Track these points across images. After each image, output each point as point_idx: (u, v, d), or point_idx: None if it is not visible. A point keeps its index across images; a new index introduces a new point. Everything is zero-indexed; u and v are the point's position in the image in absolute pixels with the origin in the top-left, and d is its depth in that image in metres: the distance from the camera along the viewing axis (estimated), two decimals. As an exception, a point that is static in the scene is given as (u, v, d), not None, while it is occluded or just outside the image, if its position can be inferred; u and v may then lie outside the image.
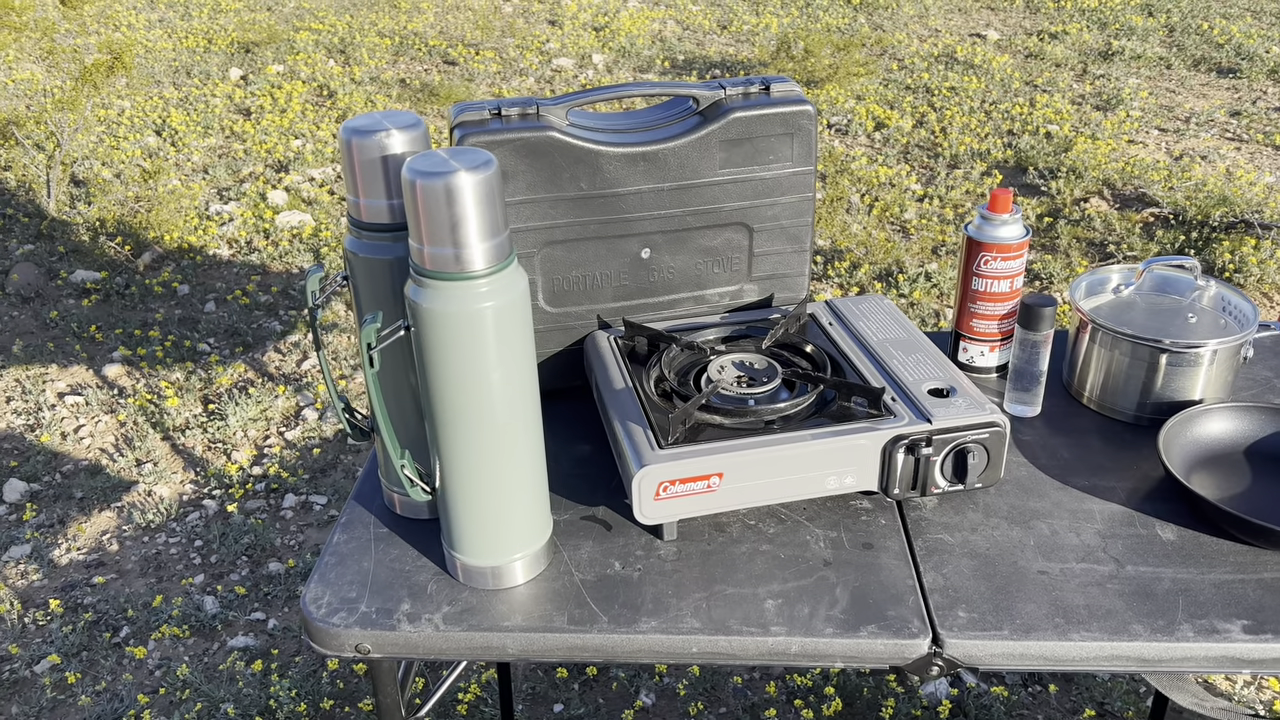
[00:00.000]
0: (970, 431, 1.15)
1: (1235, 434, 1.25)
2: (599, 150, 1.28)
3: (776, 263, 1.41)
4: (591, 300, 1.38)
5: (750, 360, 1.30)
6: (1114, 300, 1.38)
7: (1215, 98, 5.17)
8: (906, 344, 1.31)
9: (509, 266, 0.98)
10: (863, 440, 1.15)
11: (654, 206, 1.33)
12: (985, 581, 1.09)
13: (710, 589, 1.09)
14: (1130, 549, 1.12)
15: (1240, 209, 3.70)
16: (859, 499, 1.22)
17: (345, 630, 1.05)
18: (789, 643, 1.04)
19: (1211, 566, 1.09)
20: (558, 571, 1.12)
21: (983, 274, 1.36)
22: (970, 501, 1.21)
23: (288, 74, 5.86)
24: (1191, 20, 6.40)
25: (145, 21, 7.08)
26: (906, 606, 1.06)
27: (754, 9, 7.05)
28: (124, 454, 2.85)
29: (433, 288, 0.96)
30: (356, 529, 1.19)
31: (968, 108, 5.03)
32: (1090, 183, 4.10)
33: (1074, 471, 1.25)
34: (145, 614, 2.32)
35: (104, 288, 3.64)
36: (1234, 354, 1.29)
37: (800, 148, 1.33)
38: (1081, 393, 1.37)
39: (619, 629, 1.04)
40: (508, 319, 0.98)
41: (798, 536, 1.16)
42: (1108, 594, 1.06)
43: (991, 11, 6.93)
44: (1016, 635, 1.02)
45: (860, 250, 3.71)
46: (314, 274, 1.08)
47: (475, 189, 0.93)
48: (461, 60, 6.11)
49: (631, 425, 1.18)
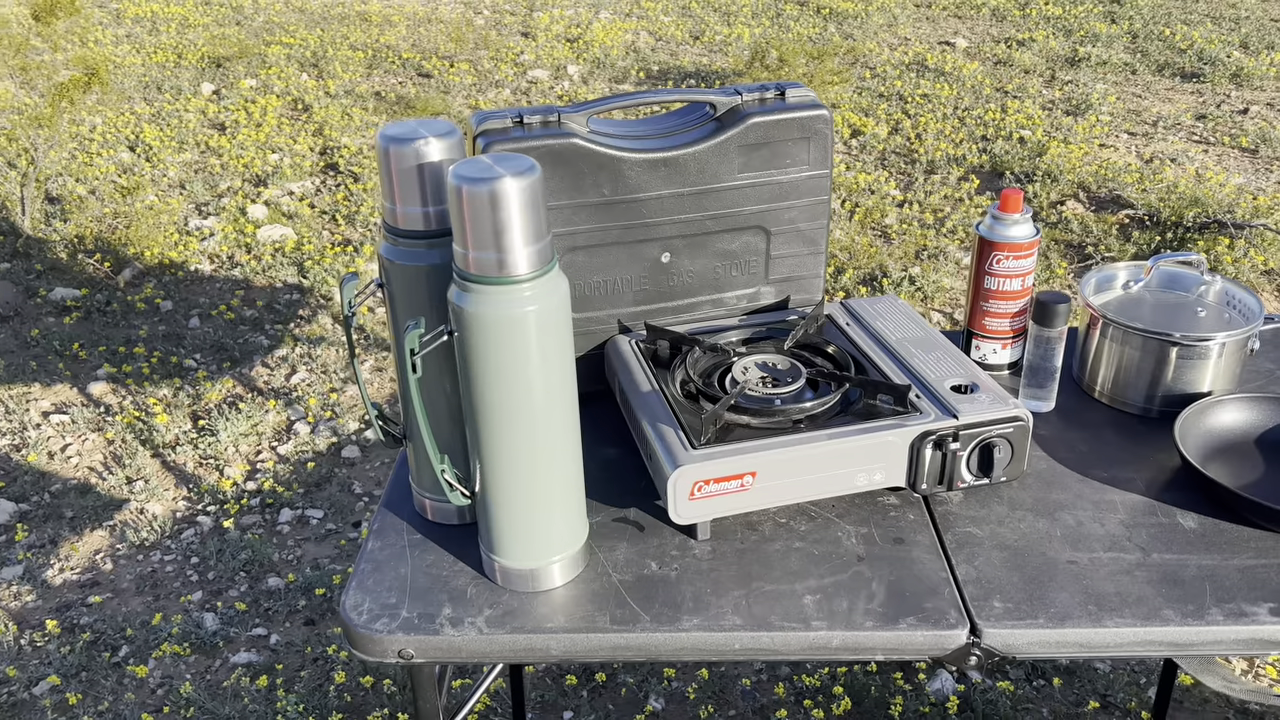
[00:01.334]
0: (995, 426, 1.18)
1: (1247, 424, 1.28)
2: (621, 156, 1.29)
3: (793, 265, 1.43)
4: (612, 305, 1.39)
5: (773, 361, 1.31)
6: (1122, 296, 1.41)
7: (1180, 102, 5.29)
8: (925, 342, 1.33)
9: (551, 271, 0.99)
10: (891, 437, 1.17)
11: (674, 211, 1.34)
12: (1017, 572, 1.11)
13: (749, 586, 1.11)
14: (1154, 537, 1.15)
15: (1212, 209, 3.78)
16: (886, 495, 1.24)
17: (388, 635, 1.05)
18: (830, 637, 1.05)
19: (1235, 552, 1.12)
20: (595, 573, 1.13)
21: (995, 273, 1.39)
22: (995, 495, 1.23)
23: (261, 88, 5.83)
24: (1153, 26, 6.53)
25: (113, 37, 7.02)
26: (943, 598, 1.08)
27: (725, 20, 7.11)
28: (114, 472, 2.82)
29: (477, 292, 0.97)
30: (389, 536, 1.20)
31: (941, 114, 5.10)
32: (1066, 186, 4.18)
33: (1092, 464, 1.28)
34: (144, 632, 2.29)
35: (85, 305, 3.59)
36: (1241, 346, 1.33)
37: (816, 151, 1.36)
38: (1093, 387, 1.40)
39: (662, 628, 1.05)
40: (550, 323, 0.99)
41: (829, 533, 1.18)
42: (1136, 581, 1.09)
43: (959, 20, 7.03)
44: (1052, 624, 1.05)
45: (844, 255, 3.75)
46: (349, 282, 1.08)
47: (520, 194, 0.94)
48: (436, 73, 6.10)
49: (662, 427, 1.19)
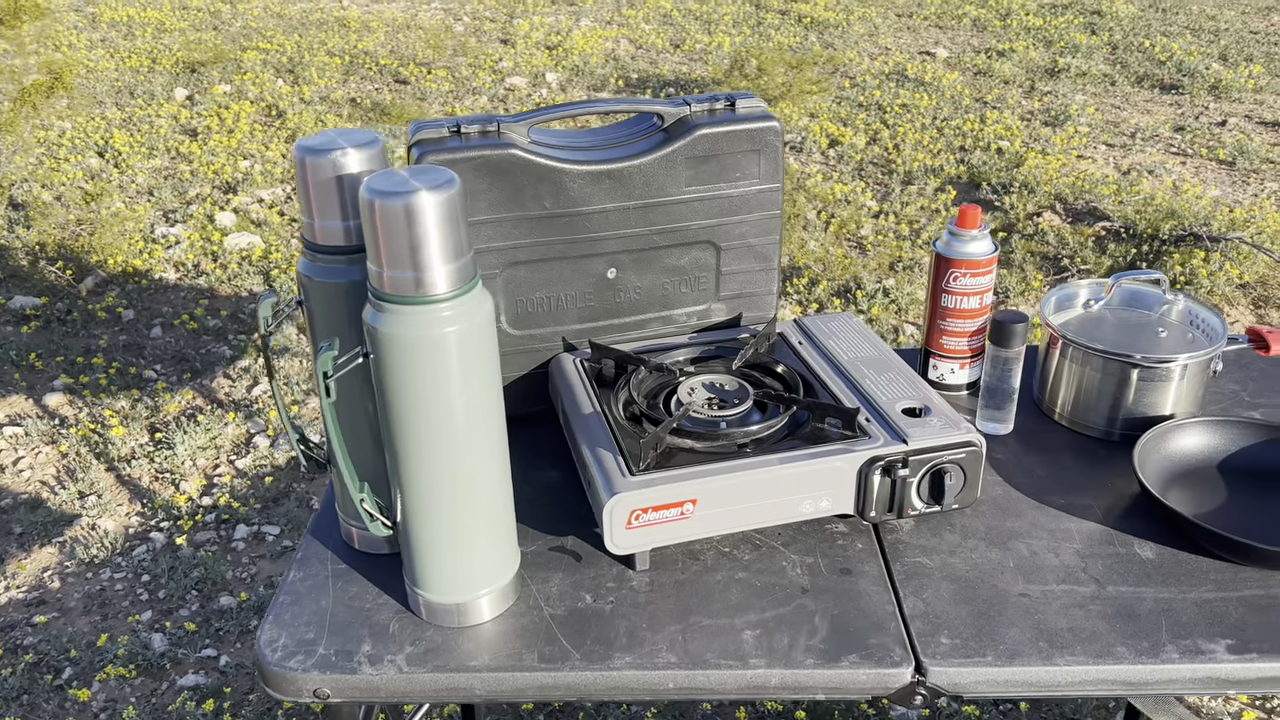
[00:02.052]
0: (947, 451, 1.13)
1: (1209, 449, 1.24)
2: (562, 168, 1.24)
3: (744, 281, 1.39)
4: (556, 322, 1.34)
5: (721, 382, 1.26)
6: (1083, 315, 1.37)
7: (1159, 113, 5.28)
8: (878, 362, 1.29)
9: (473, 290, 0.94)
10: (838, 462, 1.12)
11: (619, 225, 1.29)
12: (966, 606, 1.06)
13: (686, 621, 1.05)
14: (1110, 569, 1.10)
15: (1189, 222, 3.76)
16: (834, 523, 1.19)
17: (303, 674, 1.00)
18: (769, 675, 1.00)
19: (1192, 585, 1.08)
20: (526, 606, 1.08)
21: (951, 290, 1.34)
22: (947, 523, 1.18)
23: (235, 94, 5.76)
24: (1133, 38, 6.54)
25: (87, 41, 6.94)
26: (888, 634, 1.03)
27: (706, 28, 7.08)
28: (66, 486, 2.75)
29: (393, 312, 0.91)
30: (313, 566, 1.14)
31: (920, 124, 5.08)
32: (1042, 197, 4.15)
33: (1049, 490, 1.23)
34: (89, 654, 2.22)
35: (44, 314, 3.52)
36: (1204, 368, 1.28)
37: (767, 164, 1.31)
38: (1053, 409, 1.36)
39: (592, 666, 1.00)
40: (472, 344, 0.94)
41: (774, 563, 1.13)
42: (1090, 616, 1.04)
43: (940, 30, 7.02)
44: (1001, 661, 1.00)
45: (819, 267, 3.71)
46: (266, 299, 1.03)
47: (437, 209, 0.89)
48: (413, 79, 6.05)
49: (601, 451, 1.14)
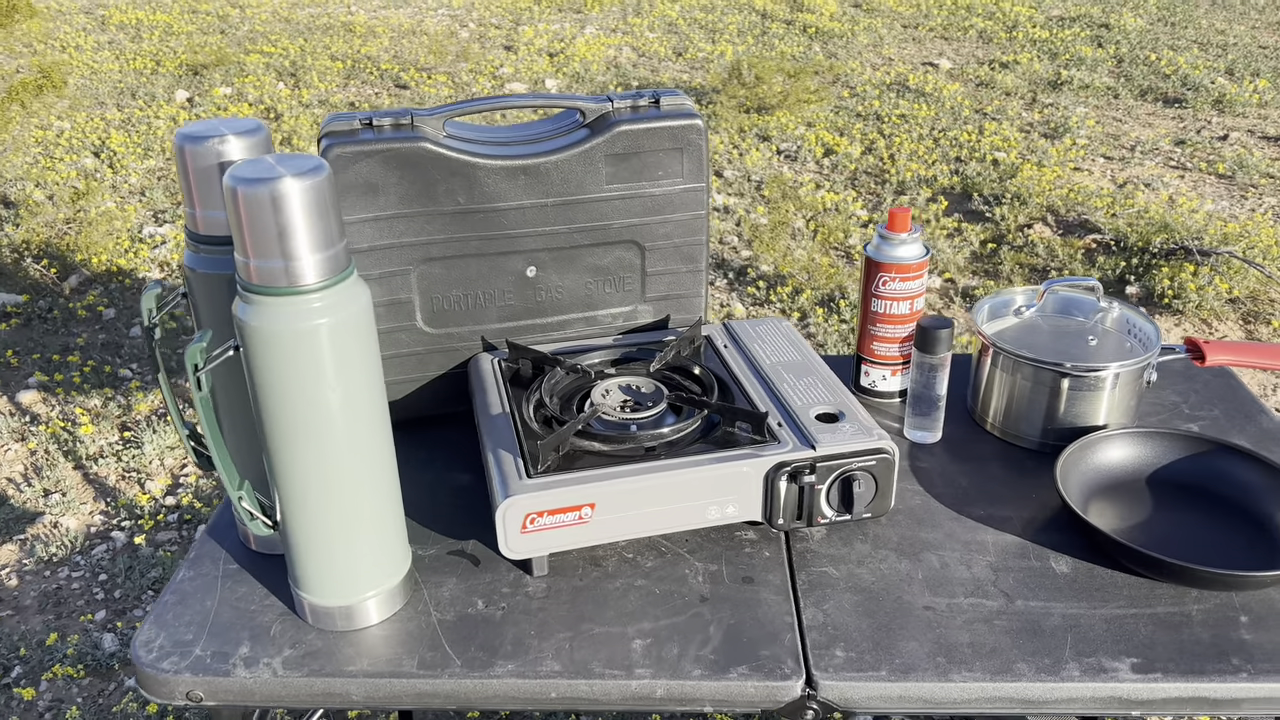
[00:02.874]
0: (856, 459, 1.10)
1: (1137, 461, 1.20)
2: (475, 163, 1.21)
3: (671, 283, 1.35)
4: (475, 321, 1.31)
5: (637, 384, 1.23)
6: (1017, 323, 1.33)
7: (1161, 127, 5.22)
8: (800, 367, 1.25)
9: (346, 280, 0.91)
10: (745, 468, 1.09)
11: (537, 223, 1.26)
12: (867, 618, 1.03)
13: (576, 628, 1.02)
14: (1021, 582, 1.06)
15: (1180, 235, 3.71)
16: (745, 530, 1.15)
17: (175, 676, 0.97)
18: (654, 686, 0.97)
19: (1104, 600, 1.04)
20: (415, 611, 1.05)
21: (881, 295, 1.31)
22: (860, 532, 1.15)
23: (235, 96, 5.78)
24: (1140, 51, 6.48)
25: (94, 43, 6.98)
26: (782, 646, 0.99)
27: (710, 37, 7.06)
28: (32, 484, 2.74)
29: (261, 304, 0.89)
30: (204, 565, 1.11)
31: (916, 135, 5.04)
32: (1034, 209, 4.10)
33: (971, 500, 1.19)
34: (39, 653, 2.20)
35: (25, 311, 3.52)
36: (1136, 377, 1.24)
37: (691, 163, 1.28)
38: (985, 418, 1.32)
39: (472, 674, 0.97)
40: (345, 337, 0.91)
41: (676, 570, 1.10)
42: (994, 631, 1.00)
43: (945, 41, 6.98)
44: (894, 676, 0.96)
45: (803, 275, 3.67)
46: (150, 290, 1.00)
47: (304, 195, 0.86)
48: (413, 84, 6.05)
49: (502, 453, 1.11)
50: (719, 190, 4.49)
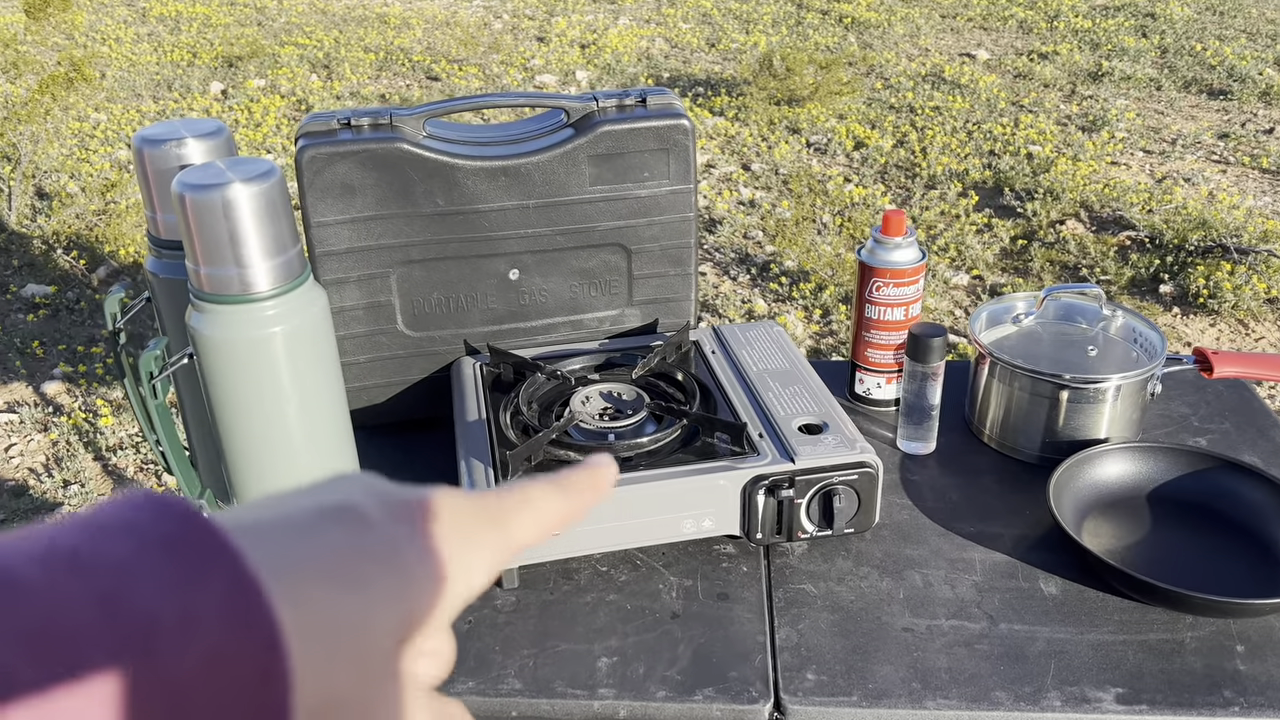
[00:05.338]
0: (837, 473, 1.06)
1: (1136, 477, 1.15)
2: (455, 164, 1.19)
3: (659, 286, 1.32)
4: (458, 324, 1.29)
5: (619, 391, 1.20)
6: (1017, 331, 1.28)
7: (1204, 119, 5.08)
8: (787, 375, 1.21)
9: (301, 286, 0.89)
10: (721, 480, 1.05)
11: (519, 225, 1.24)
12: (843, 639, 0.99)
13: (542, 645, 1.00)
14: (1007, 604, 1.02)
15: (1219, 233, 3.60)
16: (724, 543, 1.12)
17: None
18: (617, 706, 0.94)
19: (1093, 625, 0.99)
20: (380, 621, 1.02)
21: (875, 300, 1.27)
22: (843, 548, 1.11)
23: (268, 88, 5.82)
24: (1185, 41, 6.31)
25: (134, 35, 7.07)
26: (751, 667, 0.96)
27: (744, 27, 6.99)
28: (52, 474, 2.77)
29: (213, 313, 0.87)
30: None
31: (950, 128, 4.94)
32: (1068, 205, 4.01)
33: (961, 516, 1.15)
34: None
35: (54, 302, 3.57)
36: (1140, 389, 1.19)
37: (677, 164, 1.25)
38: (982, 430, 1.28)
39: (431, 688, 0.95)
40: (301, 344, 0.90)
41: (650, 585, 1.07)
42: (974, 656, 0.96)
43: (984, 31, 6.85)
44: (866, 702, 0.92)
45: (827, 272, 3.62)
46: (114, 294, 0.99)
47: (254, 200, 0.84)
48: (444, 76, 6.06)
49: (474, 461, 1.09)
50: (745, 184, 4.43)
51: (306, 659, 0.28)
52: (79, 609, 0.25)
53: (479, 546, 0.34)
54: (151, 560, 0.26)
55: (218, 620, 0.26)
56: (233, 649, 0.26)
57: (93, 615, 0.25)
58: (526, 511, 0.37)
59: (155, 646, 0.25)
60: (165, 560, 0.26)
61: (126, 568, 0.26)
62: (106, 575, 0.26)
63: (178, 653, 0.25)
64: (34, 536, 0.26)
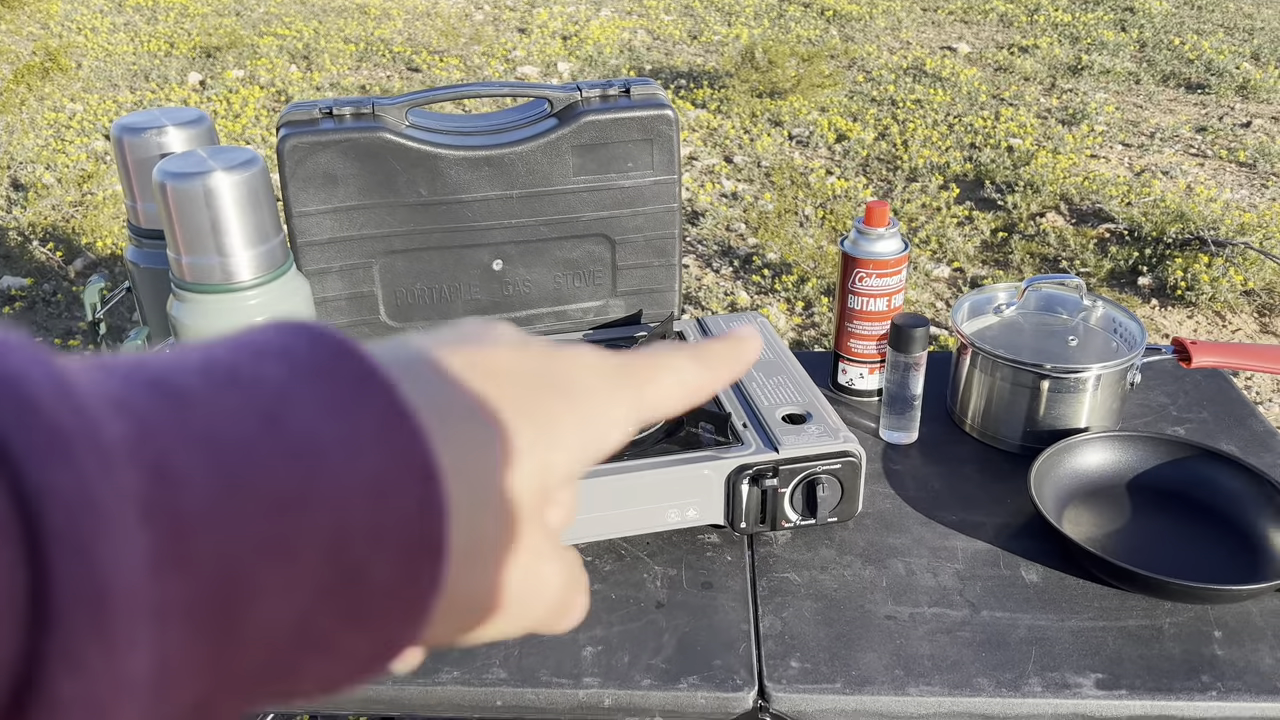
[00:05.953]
0: (821, 462, 1.06)
1: (1116, 466, 1.16)
2: (437, 153, 1.19)
3: (643, 277, 1.32)
4: (441, 314, 1.28)
5: (603, 381, 1.20)
6: (998, 321, 1.29)
7: (1182, 113, 5.11)
8: (771, 366, 1.22)
9: (283, 275, 0.89)
10: (705, 470, 1.06)
11: (502, 215, 1.24)
12: (826, 627, 1.00)
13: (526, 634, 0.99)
14: (989, 591, 1.03)
15: (1196, 225, 3.63)
16: (708, 533, 1.12)
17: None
18: (603, 695, 0.94)
19: (1073, 611, 1.00)
20: (364, 612, 1.02)
21: (858, 291, 1.27)
22: (826, 537, 1.11)
23: (247, 79, 5.78)
24: (1164, 36, 6.35)
25: (110, 25, 7.00)
26: (736, 655, 0.97)
27: (726, 19, 6.99)
28: (30, 468, 2.75)
29: (194, 302, 0.87)
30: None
31: (931, 120, 4.96)
32: (1047, 197, 4.03)
33: (943, 505, 1.16)
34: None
35: (30, 295, 3.53)
36: (1119, 379, 1.20)
37: (661, 155, 1.25)
38: (964, 420, 1.28)
39: (416, 680, 0.95)
40: (284, 336, 0.89)
41: (634, 575, 1.07)
42: (956, 642, 0.97)
43: (965, 25, 6.88)
44: (850, 689, 0.93)
45: (809, 264, 3.63)
46: (93, 284, 0.98)
47: (235, 190, 0.84)
48: (425, 67, 6.02)
49: (458, 452, 1.08)
50: (727, 176, 4.44)
51: (457, 498, 0.28)
52: (245, 420, 0.24)
53: (617, 404, 0.34)
54: (309, 384, 0.26)
55: (375, 447, 0.26)
56: (392, 476, 0.26)
57: (258, 427, 0.24)
58: (667, 375, 0.36)
59: (319, 465, 0.25)
60: (323, 385, 0.26)
61: (285, 388, 0.26)
62: (267, 394, 0.25)
63: (340, 474, 0.25)
64: (188, 352, 0.26)
